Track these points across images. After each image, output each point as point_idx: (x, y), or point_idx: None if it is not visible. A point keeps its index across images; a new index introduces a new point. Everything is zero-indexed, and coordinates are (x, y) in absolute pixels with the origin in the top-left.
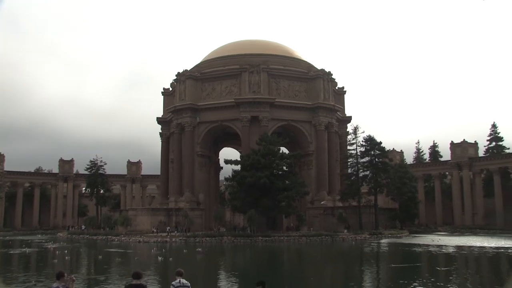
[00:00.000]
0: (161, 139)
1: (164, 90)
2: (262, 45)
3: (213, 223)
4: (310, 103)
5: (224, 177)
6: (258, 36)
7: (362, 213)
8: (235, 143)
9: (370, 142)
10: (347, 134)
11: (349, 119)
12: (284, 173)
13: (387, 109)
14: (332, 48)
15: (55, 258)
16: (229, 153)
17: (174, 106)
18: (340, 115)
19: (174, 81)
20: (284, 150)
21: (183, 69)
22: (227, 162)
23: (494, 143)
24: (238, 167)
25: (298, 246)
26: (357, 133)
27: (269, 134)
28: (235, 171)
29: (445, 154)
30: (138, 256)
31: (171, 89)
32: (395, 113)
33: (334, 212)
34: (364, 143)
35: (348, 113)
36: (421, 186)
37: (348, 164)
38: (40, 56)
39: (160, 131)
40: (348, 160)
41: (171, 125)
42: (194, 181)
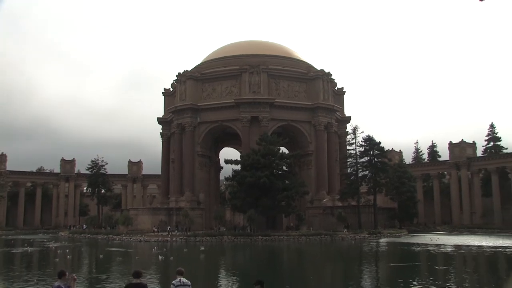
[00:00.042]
0: (162, 139)
1: (165, 91)
2: (262, 46)
3: (214, 223)
4: (310, 104)
5: (224, 177)
6: (258, 37)
7: (361, 213)
8: (235, 143)
9: (369, 142)
10: (347, 134)
11: (349, 119)
12: (284, 173)
13: (386, 110)
14: (332, 49)
15: (57, 257)
16: (229, 153)
17: (175, 107)
18: (340, 115)
19: (175, 82)
20: (284, 150)
21: (184, 70)
22: (227, 162)
23: (492, 143)
24: (238, 167)
25: (298, 246)
26: (356, 133)
27: (269, 134)
28: (235, 171)
29: (444, 154)
30: (139, 255)
31: (172, 90)
32: (394, 114)
33: (334, 212)
34: (363, 143)
35: (348, 113)
36: (420, 186)
37: (348, 164)
38: (41, 56)
39: (161, 131)
40: (348, 160)
41: (172, 125)
42: (195, 181)
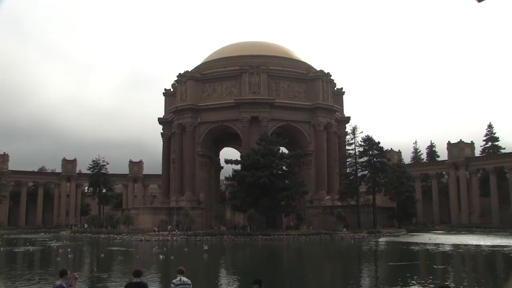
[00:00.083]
0: (163, 139)
1: (165, 91)
2: (262, 47)
3: (214, 222)
4: (309, 104)
5: (225, 177)
6: (258, 38)
7: (361, 212)
8: (236, 143)
9: (369, 142)
10: (346, 134)
11: (348, 120)
12: (284, 173)
13: (385, 110)
14: (331, 50)
15: (58, 256)
16: (230, 153)
17: (175, 107)
18: (339, 116)
19: (175, 82)
20: (284, 150)
21: (184, 70)
22: (228, 162)
23: (490, 143)
24: (238, 167)
25: (298, 245)
26: (356, 133)
27: (269, 134)
28: (236, 171)
29: (442, 154)
30: (140, 255)
31: (172, 90)
32: (393, 114)
33: (333, 211)
34: (363, 143)
35: (347, 114)
36: (419, 186)
37: (347, 164)
38: (42, 57)
39: (162, 131)
40: (347, 160)
41: (172, 125)
42: (195, 181)
